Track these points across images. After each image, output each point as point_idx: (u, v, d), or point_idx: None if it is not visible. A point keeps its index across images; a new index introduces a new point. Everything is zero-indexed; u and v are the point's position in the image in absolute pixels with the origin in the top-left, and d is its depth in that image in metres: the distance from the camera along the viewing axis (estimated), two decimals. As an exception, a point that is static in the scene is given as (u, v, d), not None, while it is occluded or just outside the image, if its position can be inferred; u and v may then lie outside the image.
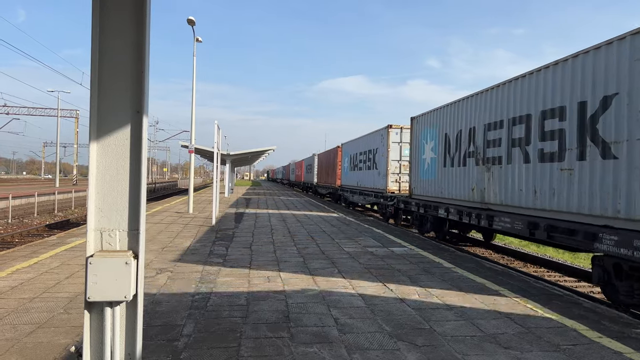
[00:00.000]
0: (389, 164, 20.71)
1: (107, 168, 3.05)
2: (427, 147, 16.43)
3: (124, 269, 2.93)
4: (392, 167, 20.73)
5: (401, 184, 20.64)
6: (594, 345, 5.05)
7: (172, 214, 19.88)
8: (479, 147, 12.44)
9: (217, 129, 16.75)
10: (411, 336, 5.20)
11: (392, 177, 20.69)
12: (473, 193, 12.71)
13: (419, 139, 17.39)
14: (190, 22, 19.58)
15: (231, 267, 8.82)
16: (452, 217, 13.78)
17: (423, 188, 16.72)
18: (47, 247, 10.75)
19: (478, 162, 12.49)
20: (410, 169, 18.34)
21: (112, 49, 3.02)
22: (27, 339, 4.88)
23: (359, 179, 26.55)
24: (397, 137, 20.86)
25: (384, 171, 21.09)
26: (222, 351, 4.67)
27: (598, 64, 8.20)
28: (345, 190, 30.82)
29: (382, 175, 21.36)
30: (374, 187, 22.90)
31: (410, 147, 18.39)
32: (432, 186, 15.81)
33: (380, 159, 21.98)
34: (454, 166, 14.08)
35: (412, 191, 17.88)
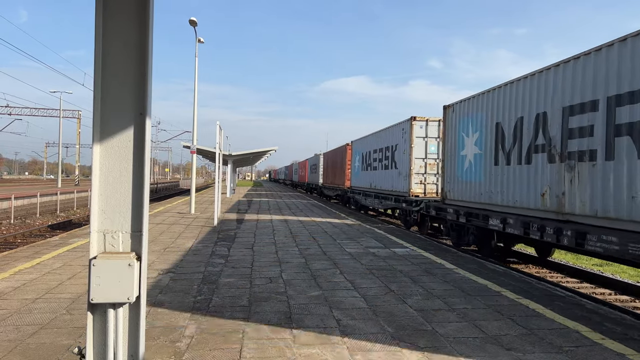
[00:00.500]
0: (412, 163, 17.98)
1: (110, 170, 3.06)
2: (469, 141, 13.48)
3: (127, 270, 2.94)
4: (416, 167, 17.99)
5: (427, 186, 18.03)
6: (596, 347, 5.05)
7: (174, 214, 19.91)
8: (554, 139, 9.58)
9: (219, 130, 16.77)
10: (414, 337, 5.19)
11: (415, 177, 17.97)
12: (544, 200, 9.82)
13: (455, 132, 14.41)
14: (192, 22, 19.61)
15: (233, 267, 8.82)
16: (511, 230, 10.87)
17: (462, 192, 13.87)
18: (49, 247, 10.77)
19: (552, 159, 9.66)
20: (443, 168, 15.35)
21: (115, 51, 3.03)
22: (30, 339, 4.89)
23: (374, 180, 23.81)
24: (421, 132, 18.09)
25: (406, 171, 18.46)
26: (224, 352, 4.67)
27: None
28: (356, 192, 27.87)
29: (404, 175, 18.72)
30: (393, 190, 20.31)
31: (444, 142, 15.41)
32: (476, 190, 12.91)
33: (401, 156, 19.37)
34: (511, 164, 11.20)
35: (446, 195, 14.94)
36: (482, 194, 12.55)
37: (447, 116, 15.21)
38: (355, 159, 29.04)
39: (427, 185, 18.09)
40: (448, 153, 14.99)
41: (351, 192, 29.31)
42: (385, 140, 21.93)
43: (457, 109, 14.48)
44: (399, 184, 19.38)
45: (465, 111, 13.89)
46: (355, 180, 28.56)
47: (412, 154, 18.04)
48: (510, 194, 11.26)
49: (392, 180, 20.51)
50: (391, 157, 20.73)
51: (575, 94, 9.14)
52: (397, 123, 20.08)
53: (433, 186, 17.98)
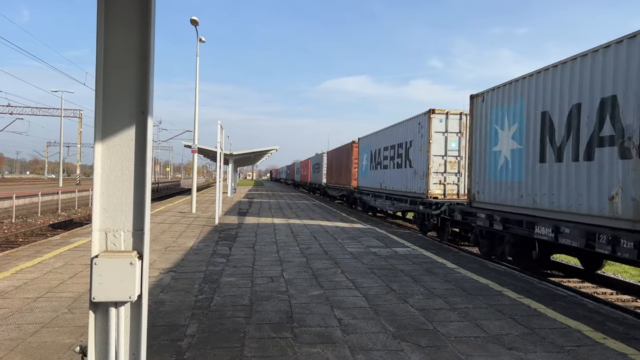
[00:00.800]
0: (431, 161, 16.22)
1: (112, 169, 3.05)
2: (504, 134, 11.57)
3: (128, 269, 2.94)
4: (435, 165, 16.22)
5: (446, 187, 16.25)
6: (598, 346, 5.04)
7: (175, 213, 19.92)
8: (629, 128, 7.77)
9: (220, 129, 16.77)
10: (415, 337, 5.19)
11: (434, 177, 16.19)
12: (613, 205, 8.07)
13: (486, 125, 12.45)
14: (193, 22, 19.62)
15: (234, 266, 8.83)
16: (567, 241, 8.92)
17: (494, 193, 11.92)
18: (50, 246, 10.79)
19: (626, 153, 7.84)
20: (470, 166, 13.37)
21: (117, 50, 3.03)
22: (32, 338, 4.90)
23: (384, 180, 21.93)
24: (441, 126, 16.25)
25: (423, 170, 16.73)
26: (225, 351, 4.67)
27: None
28: (364, 192, 25.88)
29: (421, 175, 17.02)
30: (407, 191, 18.54)
31: (470, 137, 13.41)
32: (514, 191, 10.98)
33: (416, 154, 17.58)
34: (564, 161, 9.39)
35: (474, 197, 13.02)
36: (523, 196, 10.56)
37: (474, 107, 13.12)
38: (362, 158, 27.03)
39: (447, 185, 16.30)
40: (477, 149, 12.89)
41: (358, 193, 27.43)
42: (398, 136, 20.00)
43: (488, 98, 12.38)
44: (415, 185, 17.66)
45: (499, 100, 11.85)
46: (363, 180, 26.62)
47: (431, 151, 16.21)
48: (562, 197, 9.39)
49: (406, 180, 18.77)
50: (405, 155, 18.84)
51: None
52: (412, 117, 18.12)
53: (453, 187, 16.25)
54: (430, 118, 16.30)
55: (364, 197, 25.80)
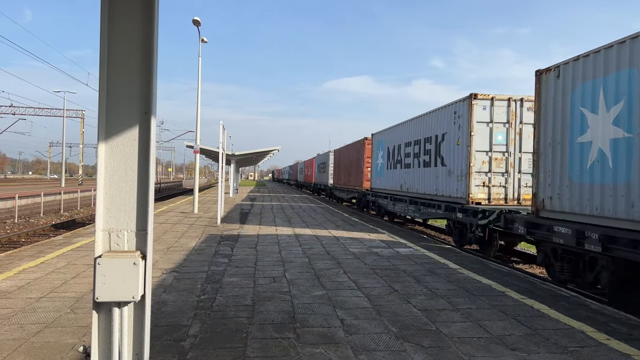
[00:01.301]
0: (472, 158, 13.30)
1: (115, 169, 3.06)
2: (597, 119, 8.49)
3: (132, 269, 2.94)
4: (478, 163, 13.36)
5: (491, 190, 13.40)
6: (601, 347, 5.02)
7: (177, 214, 19.94)
8: None
9: (222, 130, 16.79)
10: (418, 337, 5.18)
11: (476, 178, 13.33)
12: None
13: (564, 108, 9.37)
14: (195, 22, 19.64)
15: (237, 267, 8.83)
16: None
17: (580, 201, 8.82)
18: (53, 246, 10.80)
19: None
20: (537, 163, 10.21)
21: (121, 50, 3.04)
22: (35, 338, 4.90)
23: (407, 181, 18.99)
24: (484, 115, 13.37)
25: (462, 169, 13.82)
26: (228, 351, 4.67)
27: None
28: (379, 195, 22.74)
29: (458, 175, 14.07)
30: (438, 194, 15.54)
31: (537, 126, 10.22)
32: (618, 198, 7.86)
33: (451, 150, 14.67)
34: None
35: (543, 204, 9.89)
36: (635, 205, 7.48)
37: (544, 86, 10.15)
38: (377, 156, 24.00)
39: (492, 188, 13.41)
40: (548, 141, 9.88)
41: (373, 196, 24.22)
42: (425, 128, 17.13)
43: (568, 71, 9.38)
44: (449, 187, 14.73)
45: (587, 72, 8.84)
46: (378, 180, 23.52)
47: (472, 146, 13.30)
48: None
49: (436, 182, 15.85)
50: (435, 151, 15.94)
51: None
52: (445, 105, 15.25)
53: (500, 190, 13.47)
54: (471, 105, 13.30)
55: (380, 200, 22.62)
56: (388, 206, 21.21)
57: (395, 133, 20.84)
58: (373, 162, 24.83)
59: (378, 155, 23.79)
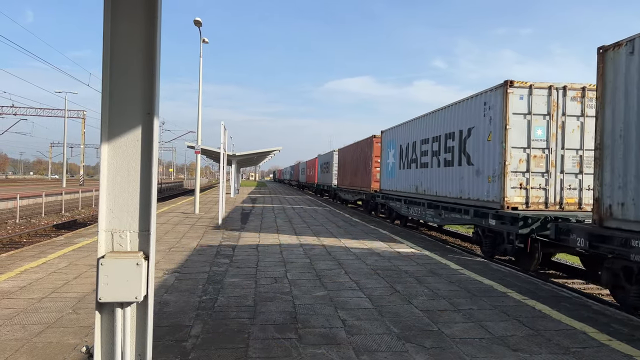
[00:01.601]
0: (508, 155, 11.47)
1: (118, 169, 3.06)
2: None
3: (134, 269, 2.95)
4: (514, 161, 11.52)
5: (530, 193, 11.54)
6: (603, 348, 5.02)
7: (178, 214, 19.95)
8: None
9: (223, 130, 16.80)
10: (419, 338, 5.18)
11: (512, 179, 11.52)
12: None
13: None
14: (197, 23, 19.66)
15: (238, 267, 8.83)
16: None
17: None
18: (55, 247, 10.81)
19: None
20: (600, 160, 8.46)
21: (124, 51, 3.04)
22: (37, 338, 4.91)
23: (423, 182, 17.21)
24: (521, 105, 11.60)
25: (494, 168, 11.98)
26: (230, 352, 4.68)
27: None
28: (390, 197, 21.00)
29: (489, 175, 12.20)
30: (464, 197, 13.63)
31: (602, 115, 8.42)
32: None
33: (480, 146, 12.78)
34: None
35: (611, 213, 8.08)
36: None
37: (611, 65, 8.35)
38: (387, 155, 22.15)
39: (531, 190, 11.60)
40: (620, 132, 8.02)
41: (383, 198, 22.35)
42: (445, 123, 15.26)
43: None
44: (478, 189, 12.83)
45: None
46: (389, 181, 21.75)
47: (508, 142, 11.50)
48: None
49: (460, 183, 13.95)
50: (459, 148, 14.07)
51: None
52: (472, 95, 13.40)
53: (540, 192, 11.65)
54: (505, 94, 11.53)
55: (391, 203, 20.87)
56: (401, 210, 19.48)
57: (409, 129, 19.13)
58: (383, 161, 23.06)
59: (389, 154, 21.93)
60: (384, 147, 22.98)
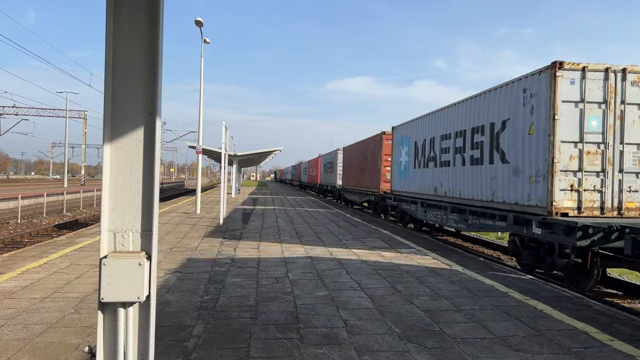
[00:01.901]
0: (557, 151, 9.62)
1: (120, 170, 3.07)
2: None
3: (137, 270, 2.95)
4: (563, 158, 9.67)
5: (583, 196, 9.77)
6: (605, 348, 5.02)
7: (179, 214, 19.97)
8: None
9: (224, 131, 16.81)
10: (421, 338, 5.18)
11: (562, 179, 9.66)
12: None
13: None
14: (198, 23, 19.66)
15: (239, 267, 8.84)
16: None
17: None
18: (56, 247, 10.83)
19: None
20: None
21: (126, 51, 3.04)
22: (39, 338, 4.92)
23: (443, 183, 15.35)
24: (572, 92, 9.78)
25: (538, 167, 10.11)
26: (232, 352, 4.68)
27: None
28: (404, 199, 19.22)
29: (536, 175, 10.18)
30: (496, 200, 11.86)
31: None
32: None
33: (519, 141, 10.90)
34: None
35: None
36: None
37: None
38: (399, 153, 20.41)
39: (584, 193, 9.80)
40: None
41: (395, 200, 20.56)
42: (471, 116, 13.43)
43: None
44: (515, 191, 10.98)
45: None
46: (402, 182, 19.96)
47: (556, 135, 9.63)
48: None
49: (492, 184, 12.10)
50: (490, 144, 12.27)
51: None
52: (505, 83, 11.65)
53: (594, 196, 9.83)
54: (554, 78, 9.68)
55: (405, 205, 19.16)
56: (417, 213, 17.72)
57: (426, 125, 17.32)
58: (394, 160, 21.19)
59: (401, 153, 20.13)
60: (395, 145, 21.16)
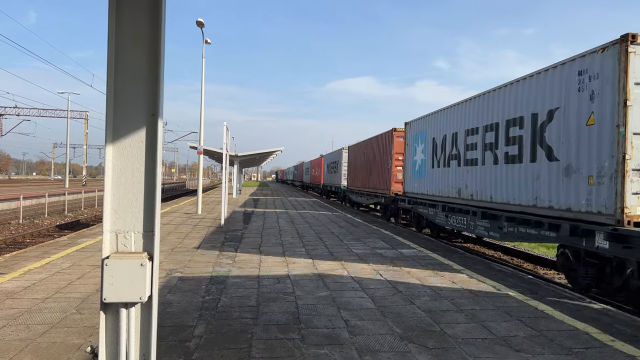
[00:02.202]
0: (628, 146, 7.73)
1: (122, 170, 3.08)
2: None
3: (139, 270, 2.96)
4: (637, 155, 7.75)
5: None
6: (606, 348, 5.02)
7: (181, 215, 19.98)
8: None
9: (226, 131, 16.83)
10: (422, 338, 5.19)
11: (634, 181, 7.78)
12: None
13: None
14: (199, 24, 19.69)
15: (240, 267, 8.85)
16: None
17: None
18: (58, 247, 10.85)
19: None
20: None
21: (128, 53, 3.06)
22: (41, 339, 4.93)
23: (470, 184, 13.26)
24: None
25: (602, 166, 8.22)
26: (233, 352, 4.69)
27: None
28: (420, 202, 17.20)
29: (598, 175, 8.27)
30: (540, 205, 9.87)
31: None
32: None
33: (573, 134, 8.99)
34: None
35: None
36: None
37: None
38: (414, 150, 18.38)
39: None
40: None
41: (409, 202, 18.48)
42: (507, 106, 11.45)
43: None
44: (567, 194, 9.06)
45: None
46: (417, 183, 17.92)
47: (628, 125, 7.73)
48: None
49: (535, 185, 10.14)
50: (532, 138, 10.32)
51: None
52: (553, 65, 9.66)
53: None
54: (625, 54, 7.78)
55: (421, 209, 17.09)
56: (436, 218, 15.65)
57: (446, 118, 15.34)
58: (407, 159, 19.23)
59: (416, 150, 18.13)
60: (409, 142, 19.08)
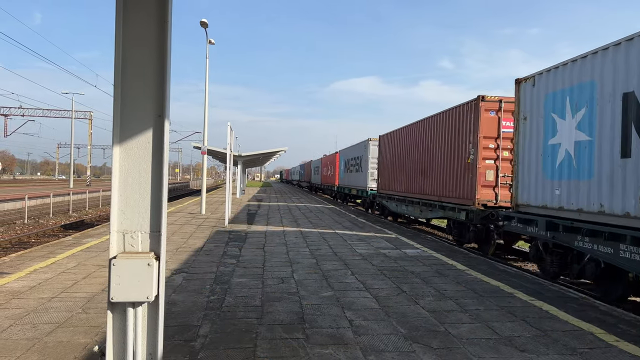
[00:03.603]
0: None
1: (129, 171, 3.10)
2: None
3: (146, 270, 2.98)
4: None
5: None
6: (611, 349, 5.01)
7: (185, 215, 20.04)
8: None
9: (229, 131, 16.86)
10: (426, 338, 5.20)
11: None
12: None
13: None
14: (203, 24, 19.74)
15: (245, 267, 8.87)
16: None
17: None
18: (63, 247, 10.90)
19: None
20: None
21: (135, 54, 3.08)
22: (48, 338, 4.97)
23: None
24: None
25: None
26: (238, 352, 4.71)
27: None
28: (586, 230, 8.22)
29: None
30: None
31: None
32: None
33: None
34: None
35: None
36: None
37: None
38: (549, 127, 9.71)
39: None
40: None
41: (544, 228, 9.51)
42: None
43: None
44: None
45: None
46: (562, 188, 9.19)
47: None
48: None
49: None
50: None
51: None
52: None
53: None
54: None
55: (589, 242, 8.30)
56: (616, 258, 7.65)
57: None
58: (529, 143, 10.53)
59: (555, 126, 9.56)
60: (531, 112, 10.53)
